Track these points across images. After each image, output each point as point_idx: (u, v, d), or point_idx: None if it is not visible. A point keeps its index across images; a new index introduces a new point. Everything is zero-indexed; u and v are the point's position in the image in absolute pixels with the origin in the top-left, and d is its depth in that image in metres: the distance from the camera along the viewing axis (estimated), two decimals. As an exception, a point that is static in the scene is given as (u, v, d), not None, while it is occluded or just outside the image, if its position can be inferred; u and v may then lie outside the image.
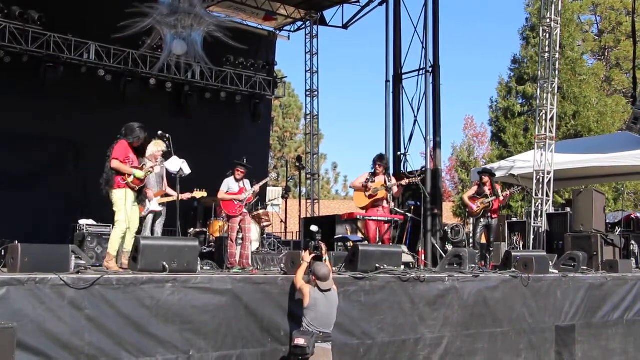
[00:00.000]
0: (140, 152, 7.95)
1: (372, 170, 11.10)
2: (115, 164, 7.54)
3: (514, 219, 17.35)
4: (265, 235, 13.36)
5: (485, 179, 11.68)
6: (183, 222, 9.74)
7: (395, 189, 10.99)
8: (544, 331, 9.88)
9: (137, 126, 7.79)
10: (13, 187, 14.63)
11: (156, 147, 9.11)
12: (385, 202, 10.98)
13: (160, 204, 9.55)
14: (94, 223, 11.15)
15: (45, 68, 15.45)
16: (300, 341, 6.58)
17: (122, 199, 7.57)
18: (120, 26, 11.72)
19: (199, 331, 6.48)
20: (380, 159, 11.17)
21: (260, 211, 13.47)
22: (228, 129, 18.96)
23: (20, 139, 14.75)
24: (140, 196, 8.06)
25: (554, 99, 14.43)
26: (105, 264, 7.53)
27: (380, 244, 10.48)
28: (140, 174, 7.65)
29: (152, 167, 8.05)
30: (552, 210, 14.41)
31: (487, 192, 11.53)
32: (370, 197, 10.87)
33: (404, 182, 11.04)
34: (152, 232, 9.45)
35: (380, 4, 17.94)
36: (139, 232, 8.10)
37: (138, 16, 11.56)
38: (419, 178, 11.26)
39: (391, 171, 12.34)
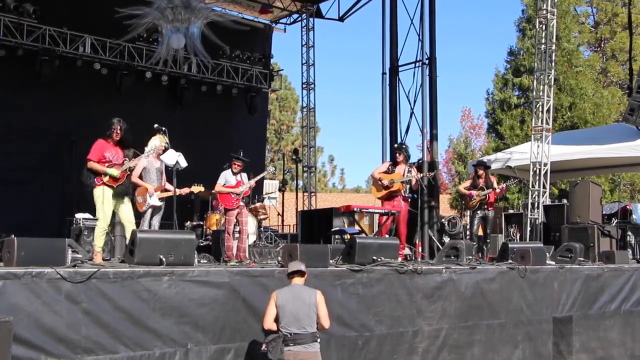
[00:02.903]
0: (124, 144, 7.98)
1: (393, 160, 11.06)
2: (89, 164, 7.72)
3: (511, 211, 17.33)
4: (262, 228, 13.35)
5: (480, 171, 11.66)
6: (180, 216, 9.71)
7: (413, 181, 10.85)
8: (541, 322, 9.90)
9: (112, 120, 7.88)
10: (8, 181, 14.58)
11: (160, 141, 9.10)
12: (401, 193, 10.85)
13: (160, 199, 9.52)
14: (91, 217, 11.12)
15: (41, 61, 15.39)
16: (263, 347, 6.28)
17: (99, 197, 7.73)
18: (120, 25, 11.71)
19: (197, 324, 6.47)
20: (397, 148, 11.14)
21: (257, 204, 13.46)
22: (224, 122, 18.92)
23: (15, 133, 14.70)
24: (129, 192, 8.05)
25: (550, 91, 14.41)
26: (93, 260, 7.58)
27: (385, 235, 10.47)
28: (114, 172, 7.69)
29: (130, 160, 8.00)
30: (548, 201, 14.42)
31: (482, 184, 11.52)
32: (386, 188, 10.84)
33: (417, 176, 10.93)
34: (150, 226, 9.43)
35: (376, -4, 17.92)
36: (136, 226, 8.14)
37: (139, 4, 11.52)
38: (432, 174, 11.23)
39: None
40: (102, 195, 7.70)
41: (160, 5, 11.52)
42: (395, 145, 11.25)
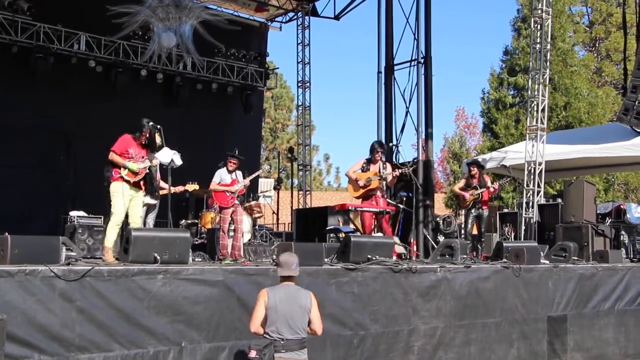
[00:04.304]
0: (150, 147, 8.00)
1: (370, 157, 10.90)
2: (110, 155, 7.69)
3: (506, 210, 17.39)
4: (257, 227, 13.33)
5: (474, 170, 11.67)
6: (174, 214, 9.71)
7: (389, 178, 10.79)
8: (536, 321, 9.91)
9: (143, 121, 7.86)
10: (2, 179, 14.53)
11: None
12: (379, 191, 10.77)
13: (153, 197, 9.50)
14: (85, 215, 11.09)
15: (35, 59, 15.35)
16: (252, 354, 5.70)
17: (117, 191, 7.67)
18: (115, 23, 11.70)
19: (191, 322, 6.45)
20: (379, 146, 10.94)
21: (252, 202, 13.43)
22: (220, 120, 18.91)
23: (9, 131, 14.64)
24: (149, 189, 8.06)
25: (545, 90, 14.44)
26: (103, 257, 7.55)
27: (375, 233, 10.45)
28: (133, 166, 7.66)
29: (151, 161, 8.01)
30: (543, 201, 14.45)
31: (476, 183, 11.53)
32: (364, 187, 10.78)
33: (396, 172, 10.93)
34: (145, 224, 9.41)
35: (371, -5, 17.86)
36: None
37: (130, 2, 11.50)
38: (411, 169, 11.20)
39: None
40: (121, 191, 7.66)
41: (151, 4, 11.52)
42: (377, 142, 11.09)
